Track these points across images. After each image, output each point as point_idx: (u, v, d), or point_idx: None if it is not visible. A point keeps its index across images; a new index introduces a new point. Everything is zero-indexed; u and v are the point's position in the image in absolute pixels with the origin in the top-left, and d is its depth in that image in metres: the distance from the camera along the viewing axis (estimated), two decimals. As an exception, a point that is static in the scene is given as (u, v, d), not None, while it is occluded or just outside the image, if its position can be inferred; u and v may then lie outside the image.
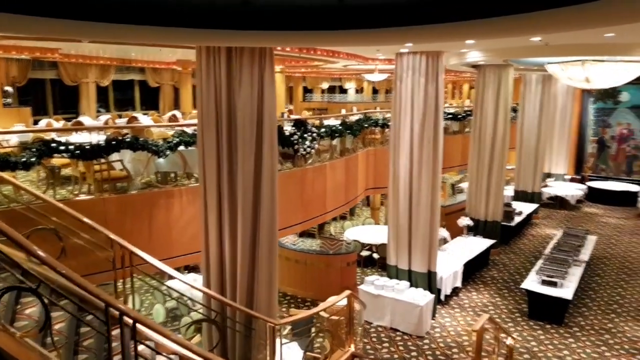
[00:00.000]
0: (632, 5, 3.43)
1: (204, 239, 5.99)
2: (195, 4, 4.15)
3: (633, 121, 20.25)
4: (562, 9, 3.41)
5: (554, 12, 3.51)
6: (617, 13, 3.79)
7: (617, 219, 17.38)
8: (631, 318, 9.92)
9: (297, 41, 5.17)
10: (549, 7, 3.45)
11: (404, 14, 3.81)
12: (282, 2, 4.15)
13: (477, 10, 3.39)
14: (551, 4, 3.44)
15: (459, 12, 3.44)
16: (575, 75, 10.90)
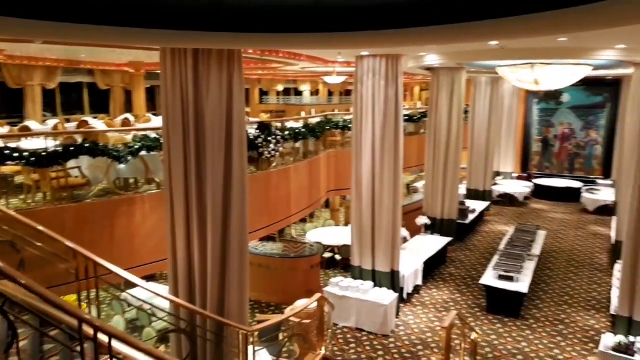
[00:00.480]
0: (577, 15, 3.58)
1: (170, 246, 5.83)
2: (162, 3, 4.02)
3: (574, 121, 21.36)
4: (521, 17, 3.55)
5: (516, 19, 3.64)
6: (561, 24, 3.99)
7: (562, 214, 18.29)
8: (581, 308, 10.45)
9: (269, 43, 5.12)
10: (512, 15, 3.58)
11: (379, 17, 3.85)
12: (254, 3, 4.11)
13: (485, 11, 3.46)
14: (513, 12, 3.59)
15: (460, 14, 3.51)
16: (524, 78, 11.38)
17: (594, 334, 9.31)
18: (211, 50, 5.16)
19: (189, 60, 5.23)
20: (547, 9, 3.37)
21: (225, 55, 5.22)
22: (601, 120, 20.85)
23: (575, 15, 3.41)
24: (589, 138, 21.23)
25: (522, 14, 3.53)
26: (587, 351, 8.72)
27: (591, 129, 21.12)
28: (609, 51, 8.37)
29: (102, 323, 3.69)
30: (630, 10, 3.41)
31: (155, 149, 6.80)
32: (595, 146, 21.15)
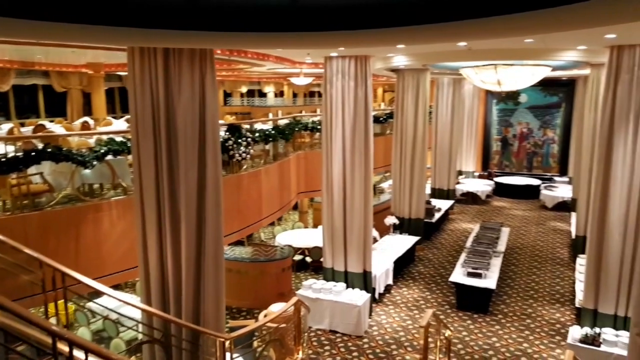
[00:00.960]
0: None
1: (141, 253, 5.61)
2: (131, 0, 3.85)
3: (531, 120, 22.05)
4: (491, 18, 3.59)
5: (483, 21, 3.67)
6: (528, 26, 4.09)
7: (523, 211, 18.83)
8: (547, 302, 10.75)
9: (246, 43, 4.99)
10: (483, 16, 3.62)
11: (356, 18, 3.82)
12: (230, 1, 4.00)
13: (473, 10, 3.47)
14: (482, 13, 3.62)
15: (452, 13, 3.50)
16: (488, 79, 11.64)
17: (560, 327, 9.59)
18: (183, 49, 5.00)
19: (160, 60, 5.05)
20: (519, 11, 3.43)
21: (198, 55, 5.07)
22: (557, 120, 21.60)
23: (552, 15, 3.47)
24: (546, 137, 21.95)
25: (492, 16, 3.58)
26: (555, 344, 8.97)
27: (548, 128, 21.85)
28: (571, 52, 8.65)
29: (79, 338, 3.51)
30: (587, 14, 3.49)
31: (122, 153, 6.54)
32: (552, 145, 21.89)
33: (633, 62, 7.31)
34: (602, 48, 7.90)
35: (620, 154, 7.57)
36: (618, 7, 3.36)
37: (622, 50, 7.40)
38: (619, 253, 7.74)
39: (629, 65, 7.34)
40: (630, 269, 7.70)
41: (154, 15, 3.99)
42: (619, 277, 7.81)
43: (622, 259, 7.74)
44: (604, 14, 3.63)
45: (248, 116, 19.60)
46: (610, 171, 7.68)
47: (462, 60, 9.93)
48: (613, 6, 3.29)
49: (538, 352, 8.72)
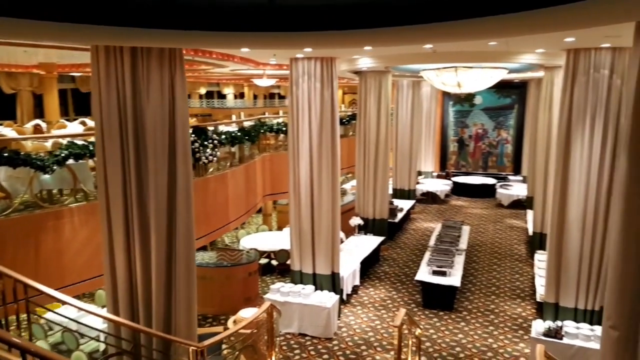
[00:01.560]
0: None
1: (107, 261, 5.37)
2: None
3: (486, 121, 22.72)
4: (459, 21, 3.65)
5: (450, 24, 3.73)
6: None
7: (481, 210, 19.35)
8: (508, 298, 11.07)
9: (218, 43, 4.87)
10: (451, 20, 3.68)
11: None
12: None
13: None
14: (449, 17, 3.67)
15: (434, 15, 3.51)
16: (448, 81, 11.89)
17: (522, 322, 9.89)
18: (151, 48, 4.82)
19: (127, 60, 4.85)
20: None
21: (167, 55, 4.91)
22: (510, 121, 22.35)
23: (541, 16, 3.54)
24: (500, 137, 22.67)
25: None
26: (518, 338, 9.24)
27: (502, 129, 22.57)
28: (529, 55, 8.95)
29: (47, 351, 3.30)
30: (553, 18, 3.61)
31: (83, 157, 6.24)
32: (506, 145, 22.63)
33: (589, 64, 7.63)
34: (559, 51, 8.22)
35: (577, 153, 7.87)
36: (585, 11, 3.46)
37: (578, 53, 7.71)
38: (578, 249, 8.04)
39: (585, 67, 7.66)
40: (589, 264, 8.02)
41: (121, 12, 3.82)
42: (578, 271, 8.12)
43: (581, 255, 8.05)
44: (571, 19, 3.75)
45: (209, 118, 19.25)
46: (569, 170, 7.98)
47: (426, 62, 10.11)
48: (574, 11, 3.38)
49: (503, 346, 8.95)
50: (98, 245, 6.25)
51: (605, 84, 7.54)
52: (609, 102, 7.56)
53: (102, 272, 6.26)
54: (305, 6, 3.94)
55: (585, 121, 7.73)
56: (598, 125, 7.66)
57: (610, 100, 7.54)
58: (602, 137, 7.65)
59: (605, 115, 7.58)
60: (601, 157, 7.70)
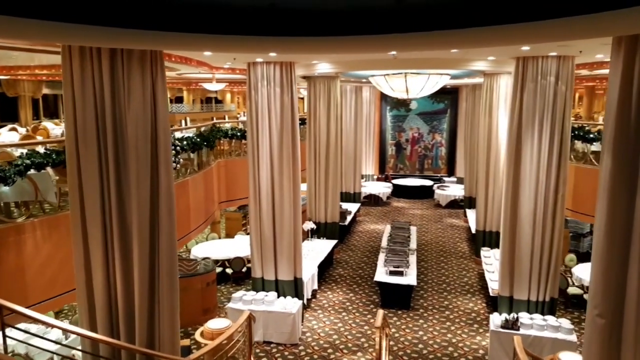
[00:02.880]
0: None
1: (82, 275, 5.01)
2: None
3: (421, 126, 23.60)
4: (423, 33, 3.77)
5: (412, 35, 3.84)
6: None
7: (421, 210, 20.06)
8: (459, 293, 11.57)
9: (201, 45, 4.68)
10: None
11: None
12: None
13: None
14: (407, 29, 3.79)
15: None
16: (397, 86, 12.29)
17: (475, 316, 10.37)
18: (133, 50, 4.59)
19: (105, 62, 4.58)
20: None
21: (149, 57, 4.70)
22: (444, 125, 23.37)
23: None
24: (435, 141, 23.63)
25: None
26: (474, 331, 9.68)
27: (436, 132, 23.54)
28: (481, 62, 9.45)
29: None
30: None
31: (45, 166, 5.79)
32: (440, 148, 23.62)
33: (536, 71, 8.18)
34: (508, 59, 8.74)
35: (527, 155, 8.41)
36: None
37: (527, 61, 8.24)
38: (530, 244, 8.57)
39: (533, 74, 8.21)
40: (540, 257, 8.57)
41: (99, 9, 3.57)
42: (530, 265, 8.65)
43: (532, 249, 8.58)
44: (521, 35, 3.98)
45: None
46: (520, 170, 8.50)
47: (385, 68, 10.35)
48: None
49: (462, 340, 9.34)
50: (62, 261, 5.88)
51: (551, 90, 8.12)
52: (555, 107, 8.14)
53: (68, 289, 5.90)
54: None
55: (534, 125, 8.28)
56: (546, 128, 8.23)
57: (557, 105, 8.13)
58: (550, 139, 8.23)
59: (552, 119, 8.17)
60: (549, 157, 8.28)
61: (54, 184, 6.10)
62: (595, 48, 7.49)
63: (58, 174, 6.16)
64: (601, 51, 8.00)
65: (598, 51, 8.09)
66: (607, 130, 3.89)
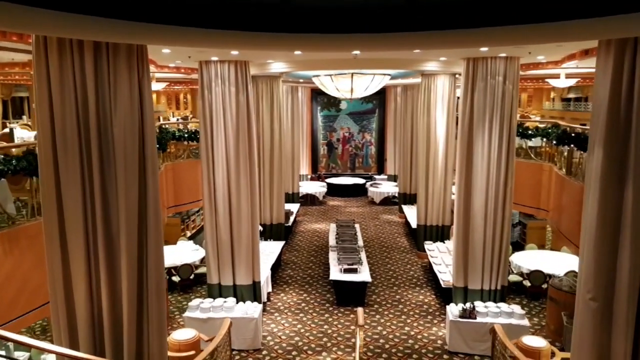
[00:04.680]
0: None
1: (60, 290, 4.50)
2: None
3: (352, 125, 24.06)
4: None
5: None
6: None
7: (357, 208, 20.44)
8: (407, 287, 11.92)
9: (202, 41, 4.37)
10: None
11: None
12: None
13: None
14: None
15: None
16: (343, 87, 12.41)
17: (427, 308, 10.75)
18: (119, 44, 4.23)
19: (88, 57, 4.16)
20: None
21: (135, 52, 4.35)
22: (373, 124, 23.99)
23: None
24: (365, 140, 24.19)
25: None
26: (430, 323, 10.03)
27: (366, 132, 24.11)
28: (432, 62, 9.79)
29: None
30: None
31: (5, 174, 5.17)
32: (370, 147, 24.22)
33: (486, 72, 8.63)
34: (458, 59, 9.15)
35: (479, 151, 8.85)
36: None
37: (476, 62, 8.67)
38: (482, 235, 9.04)
39: (483, 74, 8.65)
40: (492, 248, 9.07)
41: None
42: (482, 256, 9.12)
43: (485, 240, 9.05)
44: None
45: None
46: (472, 166, 8.93)
47: (340, 68, 10.39)
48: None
49: (419, 332, 9.63)
50: (25, 278, 5.34)
51: (500, 89, 8.61)
52: (503, 105, 8.65)
53: (31, 308, 5.36)
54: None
55: (485, 122, 8.73)
56: (495, 126, 8.71)
57: (505, 103, 8.64)
58: (499, 136, 8.73)
59: (501, 117, 8.66)
60: (498, 153, 8.78)
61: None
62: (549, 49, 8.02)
63: (11, 182, 5.55)
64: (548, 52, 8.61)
65: (547, 53, 8.67)
66: (597, 126, 4.20)
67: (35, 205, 5.59)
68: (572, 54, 8.38)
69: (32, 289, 5.41)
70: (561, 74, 12.40)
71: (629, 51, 3.91)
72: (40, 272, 5.65)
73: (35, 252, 5.42)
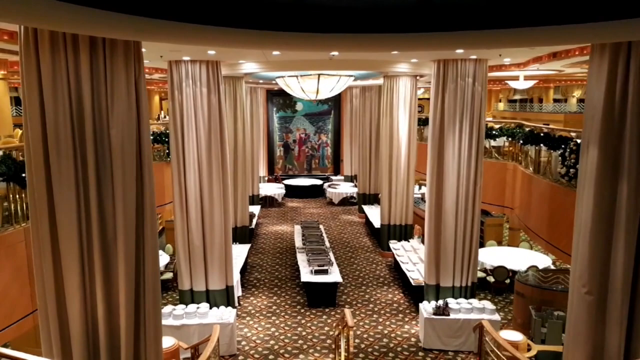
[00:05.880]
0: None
1: (53, 305, 4.16)
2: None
3: (308, 127, 24.09)
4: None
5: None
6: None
7: (316, 209, 20.45)
8: (376, 286, 12.04)
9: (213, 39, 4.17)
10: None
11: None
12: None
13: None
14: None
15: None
16: (308, 87, 12.38)
17: (397, 306, 10.90)
18: (117, 41, 3.99)
19: (83, 53, 3.89)
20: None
21: (132, 49, 4.13)
22: (329, 126, 24.12)
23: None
24: (321, 141, 24.29)
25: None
26: (401, 321, 10.17)
27: (322, 133, 24.21)
28: (403, 64, 9.93)
29: None
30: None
31: None
32: (326, 148, 24.34)
33: (456, 73, 8.85)
34: (428, 61, 9.34)
35: (450, 151, 9.07)
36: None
37: (447, 64, 8.88)
38: (453, 233, 9.26)
39: (453, 76, 8.87)
40: (462, 245, 9.31)
41: None
42: (454, 253, 9.35)
43: (456, 238, 9.28)
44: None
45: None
46: (443, 165, 9.14)
47: (314, 69, 10.33)
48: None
49: (392, 331, 9.75)
50: (4, 290, 4.96)
51: (469, 90, 8.86)
52: (473, 106, 8.90)
53: (11, 322, 4.98)
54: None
55: (455, 122, 8.96)
56: (465, 126, 8.95)
57: (475, 104, 8.90)
58: (469, 136, 8.98)
59: (471, 117, 8.92)
60: (468, 152, 9.03)
61: None
62: (519, 52, 8.33)
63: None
64: (516, 55, 8.95)
65: (515, 55, 9.00)
66: (591, 127, 4.40)
67: (13, 212, 5.17)
68: (538, 57, 8.76)
69: (10, 302, 5.01)
70: (520, 75, 12.96)
71: (623, 55, 4.13)
72: (18, 284, 5.27)
73: (12, 261, 5.02)
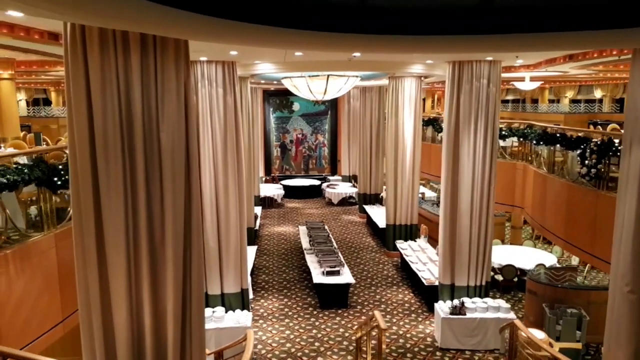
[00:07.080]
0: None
1: (98, 315, 4.01)
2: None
3: (305, 127, 24.04)
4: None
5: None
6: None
7: (315, 209, 20.41)
8: (385, 286, 12.05)
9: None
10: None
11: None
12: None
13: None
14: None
15: None
16: (316, 88, 12.35)
17: (409, 306, 10.91)
18: (168, 39, 3.90)
19: (134, 51, 3.80)
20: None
21: (182, 47, 4.05)
22: (326, 126, 24.11)
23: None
24: (318, 141, 24.26)
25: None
26: (415, 321, 10.18)
27: (319, 133, 24.18)
28: (418, 65, 9.94)
29: None
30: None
31: (17, 186, 4.58)
32: (323, 148, 24.32)
33: (471, 74, 8.89)
34: (442, 62, 9.36)
35: (465, 151, 9.10)
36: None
37: (462, 65, 8.91)
38: (468, 233, 9.30)
39: (468, 77, 8.91)
40: (477, 245, 9.35)
41: None
42: (469, 253, 9.38)
43: (471, 238, 9.32)
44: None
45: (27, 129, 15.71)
46: (459, 165, 9.17)
47: (331, 70, 10.29)
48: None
49: (407, 331, 9.75)
50: (37, 299, 4.83)
51: (484, 91, 8.90)
52: (488, 107, 8.95)
53: (43, 331, 4.86)
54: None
55: (470, 123, 9.00)
56: (480, 126, 9.00)
57: (489, 105, 8.94)
58: (484, 136, 9.02)
59: (486, 118, 8.96)
60: (483, 153, 9.07)
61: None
62: (535, 54, 8.39)
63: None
64: (529, 57, 9.01)
65: (528, 57, 9.07)
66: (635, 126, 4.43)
67: (44, 217, 5.04)
68: (552, 58, 8.84)
69: (41, 310, 4.89)
70: (526, 77, 13.08)
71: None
72: (50, 292, 5.15)
73: (44, 269, 4.90)
